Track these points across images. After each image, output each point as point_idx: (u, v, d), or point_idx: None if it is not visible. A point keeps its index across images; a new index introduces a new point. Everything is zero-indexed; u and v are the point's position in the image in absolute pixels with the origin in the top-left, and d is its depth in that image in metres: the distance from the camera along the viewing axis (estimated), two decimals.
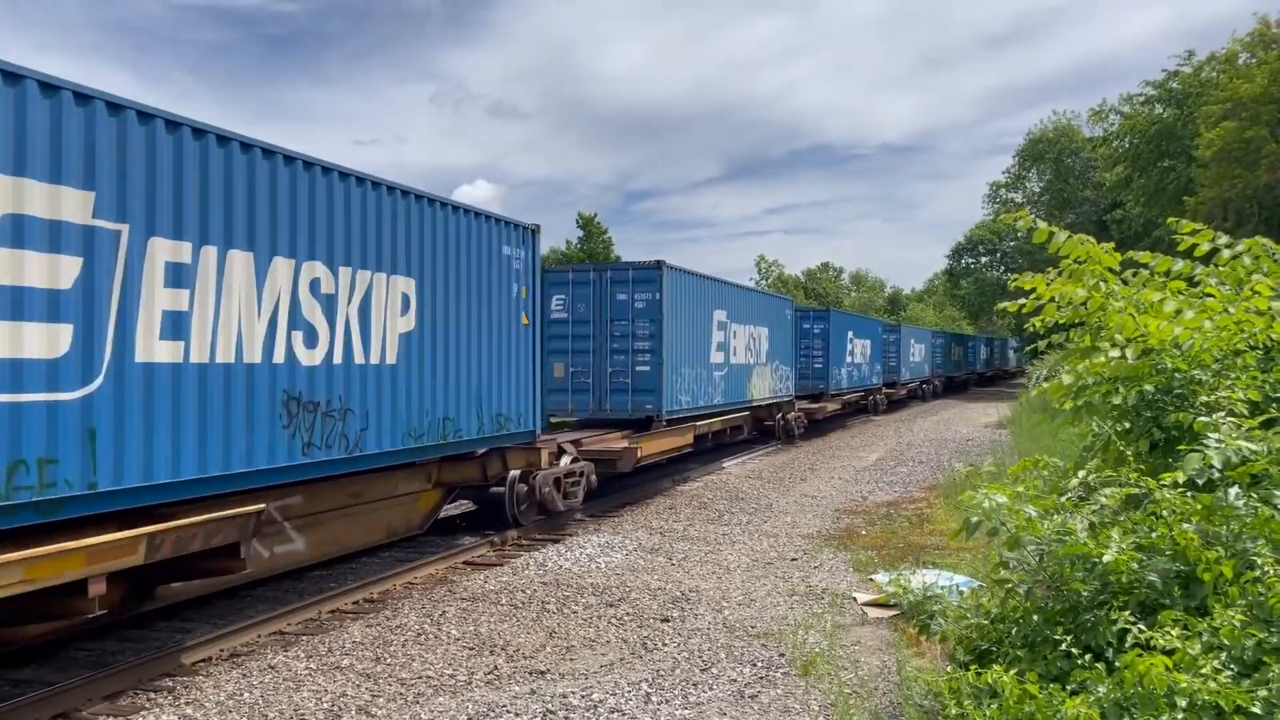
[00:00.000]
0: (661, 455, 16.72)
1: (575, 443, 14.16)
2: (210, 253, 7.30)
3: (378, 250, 9.24)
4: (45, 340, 6.04)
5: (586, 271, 17.04)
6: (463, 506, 14.17)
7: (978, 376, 60.78)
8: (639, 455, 14.99)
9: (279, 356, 7.96)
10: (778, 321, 23.61)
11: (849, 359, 31.15)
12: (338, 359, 8.68)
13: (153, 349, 6.80)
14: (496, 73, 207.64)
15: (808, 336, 28.24)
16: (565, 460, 13.30)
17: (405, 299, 9.66)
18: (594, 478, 13.85)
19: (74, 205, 6.18)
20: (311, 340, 8.36)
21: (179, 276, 7.03)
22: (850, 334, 31.24)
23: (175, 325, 6.99)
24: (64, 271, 6.13)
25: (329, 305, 8.58)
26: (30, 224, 5.91)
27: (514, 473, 12.26)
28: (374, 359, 9.18)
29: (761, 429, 24.01)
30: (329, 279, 8.59)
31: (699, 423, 18.43)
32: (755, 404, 21.97)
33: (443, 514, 12.50)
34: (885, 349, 37.93)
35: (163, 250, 6.88)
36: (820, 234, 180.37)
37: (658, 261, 16.49)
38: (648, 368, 16.34)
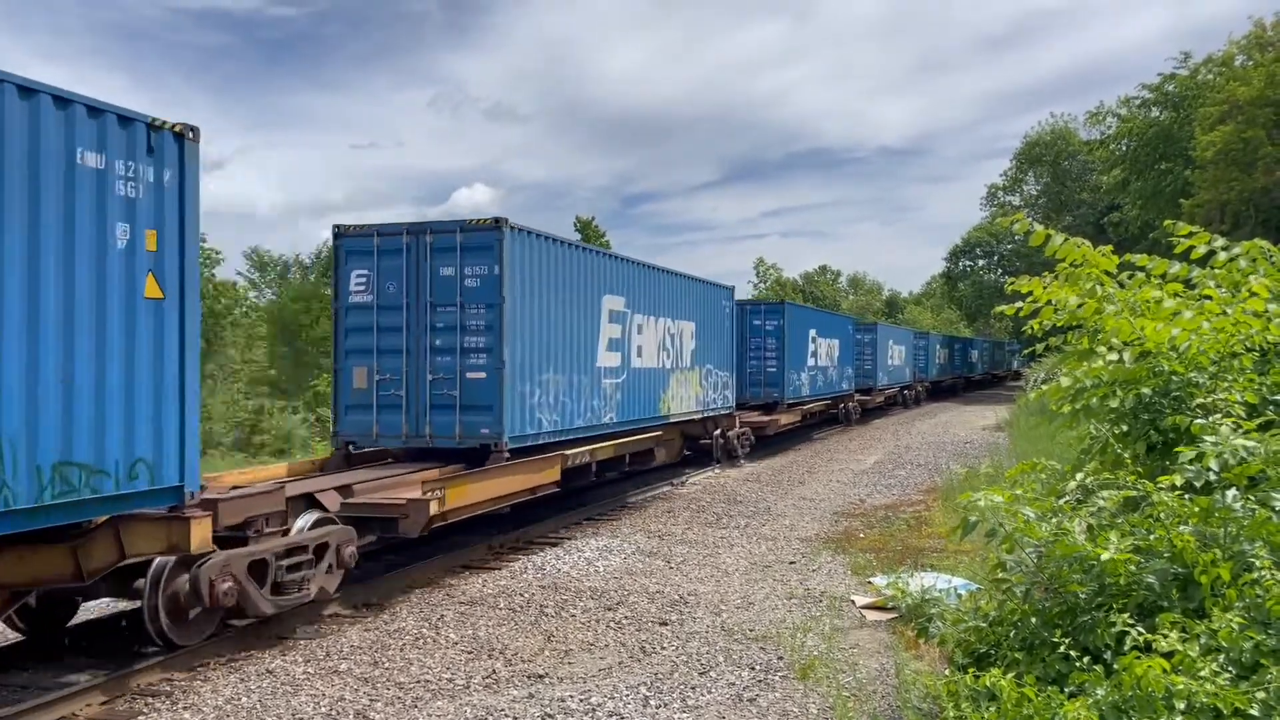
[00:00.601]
0: (494, 505, 11.25)
1: (344, 489, 9.66)
2: None
3: None
4: None
5: (398, 235, 11.76)
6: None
7: (965, 381, 56.72)
8: (437, 510, 9.75)
9: None
10: (711, 314, 19.02)
11: (812, 362, 26.67)
12: None
13: None
14: (495, 76, 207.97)
15: (758, 335, 23.97)
16: (302, 524, 8.66)
17: None
18: (352, 550, 8.91)
19: None
20: None
21: None
22: (813, 332, 26.92)
23: None
24: None
25: None
26: None
27: (161, 562, 7.32)
28: None
29: (697, 449, 19.88)
30: None
31: (573, 450, 13.07)
32: (676, 419, 17.26)
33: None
34: (859, 350, 34.02)
35: None
36: (818, 237, 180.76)
37: (496, 219, 11.51)
38: (483, 374, 11.45)
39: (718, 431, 19.93)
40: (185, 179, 7.04)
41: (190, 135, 7.08)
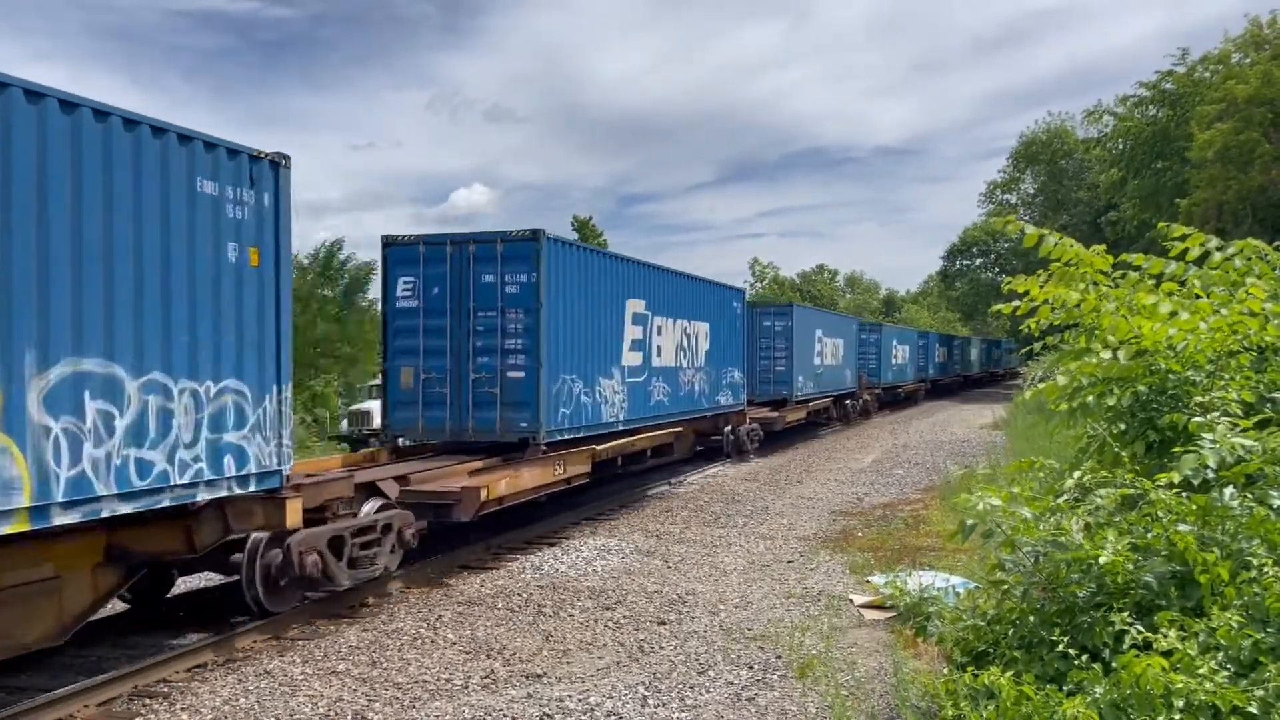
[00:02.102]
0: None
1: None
2: None
3: None
4: None
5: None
6: None
7: (932, 385, 47.74)
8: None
9: None
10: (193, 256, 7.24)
11: (636, 359, 15.15)
12: None
13: None
14: (493, 78, 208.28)
15: (490, 304, 12.28)
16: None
17: None
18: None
19: None
20: None
21: None
22: (636, 307, 15.16)
23: None
24: None
25: None
26: None
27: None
28: None
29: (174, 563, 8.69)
30: None
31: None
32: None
33: None
34: (763, 344, 24.59)
35: None
36: (814, 237, 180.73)
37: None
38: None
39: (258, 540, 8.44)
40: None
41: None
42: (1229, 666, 3.91)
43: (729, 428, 20.83)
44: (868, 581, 9.71)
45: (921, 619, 5.77)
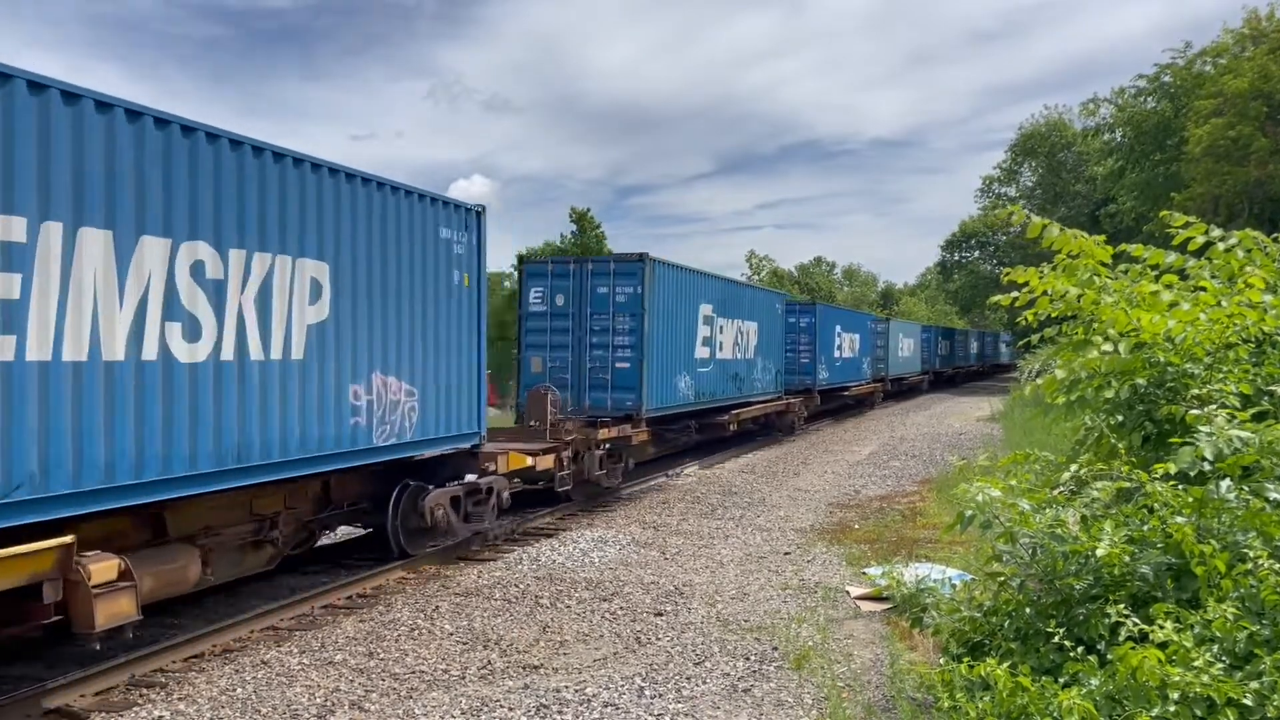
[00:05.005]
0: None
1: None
2: None
3: None
4: None
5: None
6: None
7: (820, 395, 27.88)
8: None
9: None
10: None
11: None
12: None
13: None
14: (491, 68, 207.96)
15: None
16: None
17: None
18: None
19: None
20: None
21: None
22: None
23: None
24: None
25: None
26: None
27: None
28: None
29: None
30: None
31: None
32: None
33: None
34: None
35: None
36: (811, 229, 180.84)
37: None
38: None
39: None
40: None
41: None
42: (1224, 659, 3.92)
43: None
44: (864, 573, 9.73)
45: (918, 610, 5.78)
